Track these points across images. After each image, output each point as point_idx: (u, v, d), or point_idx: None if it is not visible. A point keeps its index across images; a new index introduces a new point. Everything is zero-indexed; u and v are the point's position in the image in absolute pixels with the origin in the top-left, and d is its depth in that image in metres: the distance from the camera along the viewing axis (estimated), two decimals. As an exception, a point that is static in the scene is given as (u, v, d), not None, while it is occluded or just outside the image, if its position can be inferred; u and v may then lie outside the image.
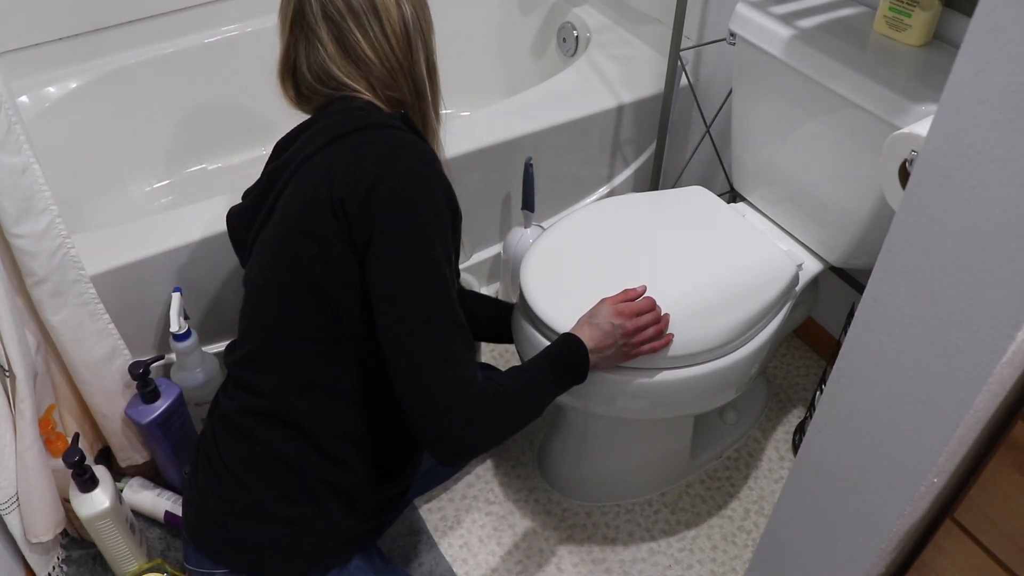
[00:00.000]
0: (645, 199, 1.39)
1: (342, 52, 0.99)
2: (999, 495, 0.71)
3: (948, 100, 0.57)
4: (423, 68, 1.04)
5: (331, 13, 0.96)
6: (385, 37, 0.99)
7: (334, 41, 0.98)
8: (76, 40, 1.74)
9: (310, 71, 1.01)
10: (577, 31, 1.94)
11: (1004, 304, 0.59)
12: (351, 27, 0.97)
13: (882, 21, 1.18)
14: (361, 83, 1.00)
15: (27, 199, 1.07)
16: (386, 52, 0.99)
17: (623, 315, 1.08)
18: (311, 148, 0.97)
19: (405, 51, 1.01)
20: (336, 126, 0.96)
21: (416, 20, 1.01)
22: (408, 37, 1.01)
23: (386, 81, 1.01)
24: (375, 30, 0.98)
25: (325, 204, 0.92)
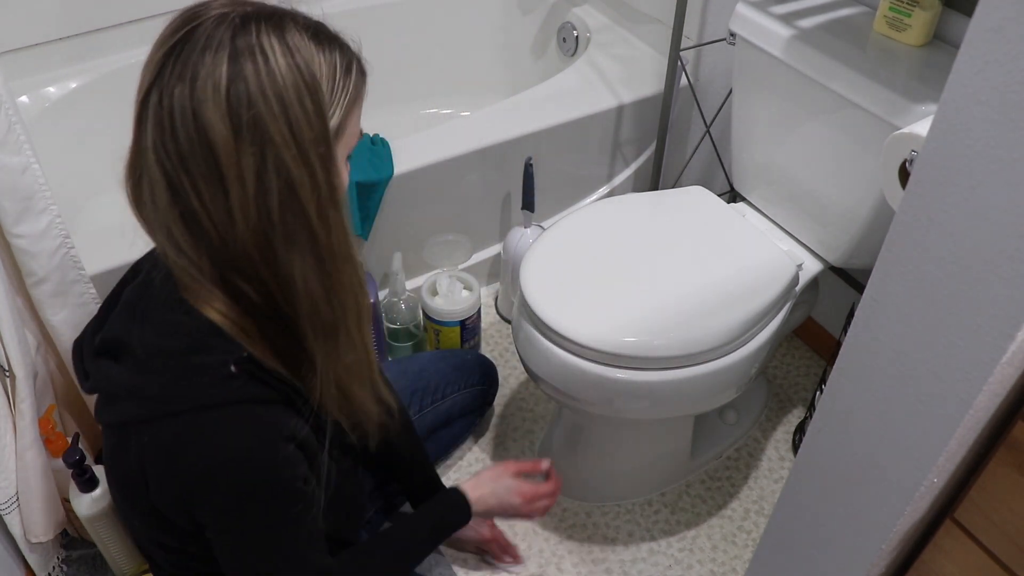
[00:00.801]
0: (645, 199, 1.39)
1: (175, 210, 0.71)
2: (999, 495, 0.71)
3: (948, 100, 0.57)
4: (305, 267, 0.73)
5: (160, 157, 0.69)
6: (228, 211, 0.69)
7: (167, 190, 0.71)
8: (76, 40, 1.74)
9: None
10: (577, 31, 1.94)
11: (1004, 304, 0.59)
12: (185, 184, 0.69)
13: (882, 21, 1.18)
14: (202, 263, 0.73)
15: (27, 199, 1.07)
16: (234, 233, 0.70)
17: (523, 498, 1.16)
18: (127, 410, 0.78)
19: (267, 240, 0.71)
20: (156, 385, 0.76)
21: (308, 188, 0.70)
22: (273, 221, 0.70)
23: (238, 267, 0.73)
24: (218, 199, 0.69)
25: (139, 497, 0.81)
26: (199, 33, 0.68)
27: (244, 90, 0.67)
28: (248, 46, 0.67)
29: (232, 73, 0.67)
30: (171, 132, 0.68)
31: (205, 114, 0.66)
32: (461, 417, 1.45)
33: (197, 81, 0.66)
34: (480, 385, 1.47)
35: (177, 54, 0.68)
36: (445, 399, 1.40)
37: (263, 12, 0.71)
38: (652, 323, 1.16)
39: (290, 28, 0.70)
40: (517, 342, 1.25)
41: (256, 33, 0.68)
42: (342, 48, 0.74)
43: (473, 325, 1.62)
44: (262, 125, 0.67)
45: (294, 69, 0.68)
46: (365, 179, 1.47)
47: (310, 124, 0.69)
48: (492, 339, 1.76)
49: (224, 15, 0.69)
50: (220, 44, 0.67)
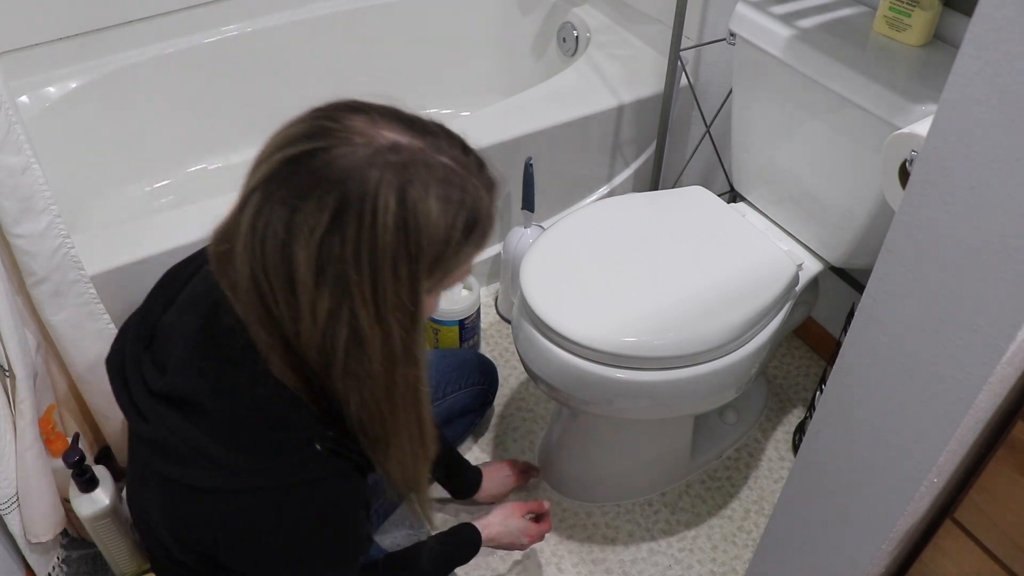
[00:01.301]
0: (645, 199, 1.39)
1: (255, 296, 0.70)
2: (999, 495, 0.71)
3: (948, 100, 0.57)
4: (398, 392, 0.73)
5: (248, 254, 0.67)
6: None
7: (250, 279, 0.69)
8: (76, 40, 1.74)
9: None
10: (577, 31, 1.94)
11: (1004, 304, 0.59)
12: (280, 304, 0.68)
13: (882, 21, 1.18)
14: (275, 344, 0.71)
15: (27, 199, 1.07)
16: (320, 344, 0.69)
17: (530, 538, 1.25)
18: (185, 472, 0.75)
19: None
20: (240, 461, 0.74)
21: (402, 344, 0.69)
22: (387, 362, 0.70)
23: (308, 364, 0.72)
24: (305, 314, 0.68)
25: (201, 550, 0.79)
26: (318, 161, 0.64)
27: (338, 245, 0.63)
28: (360, 198, 0.63)
29: (331, 225, 0.63)
30: (261, 244, 0.66)
31: (294, 249, 0.64)
32: (461, 416, 1.45)
33: (296, 215, 0.63)
34: (480, 384, 1.47)
35: (292, 171, 0.64)
36: (445, 398, 1.41)
37: (399, 152, 0.65)
38: (652, 323, 1.16)
39: (418, 182, 0.64)
40: (517, 342, 1.25)
41: (376, 184, 0.63)
42: (472, 208, 0.68)
43: (472, 325, 1.62)
44: (345, 282, 0.65)
45: (400, 235, 0.64)
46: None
47: (397, 290, 0.66)
48: (492, 339, 1.76)
49: (352, 149, 0.64)
50: (331, 186, 0.63)
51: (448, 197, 0.66)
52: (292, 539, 0.76)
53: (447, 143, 0.68)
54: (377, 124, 0.66)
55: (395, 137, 0.65)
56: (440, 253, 0.67)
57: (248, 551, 0.77)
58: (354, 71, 2.09)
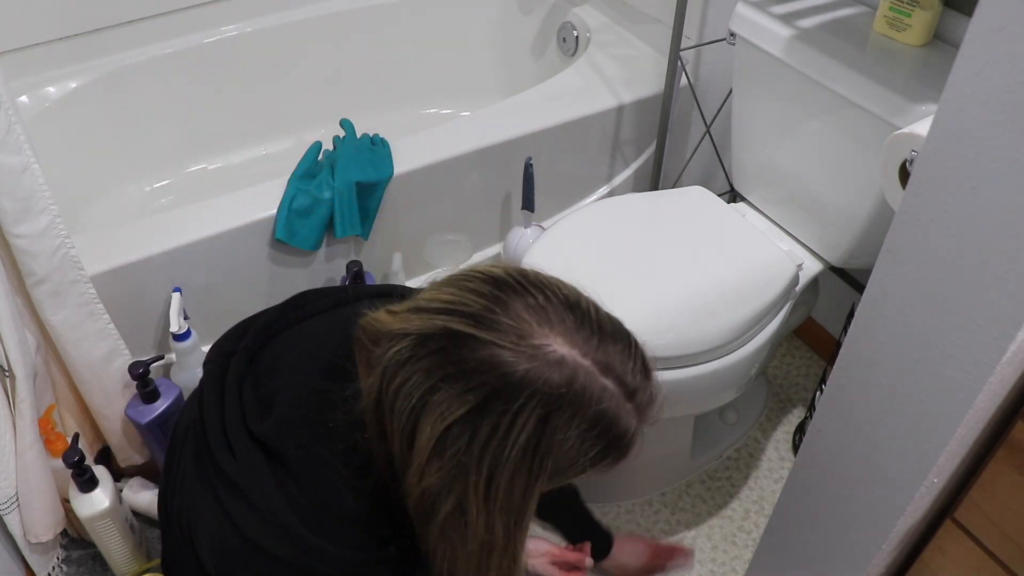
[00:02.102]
0: (645, 199, 1.39)
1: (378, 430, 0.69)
2: (999, 495, 0.71)
3: (948, 100, 0.57)
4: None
5: (380, 396, 0.67)
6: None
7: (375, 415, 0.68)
8: (76, 40, 1.74)
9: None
10: (577, 31, 1.94)
11: (1004, 304, 0.59)
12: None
13: (882, 21, 1.18)
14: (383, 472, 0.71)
15: (27, 199, 1.07)
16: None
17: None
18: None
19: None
20: (304, 546, 0.71)
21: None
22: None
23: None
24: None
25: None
26: (479, 353, 0.61)
27: (465, 441, 0.62)
28: (503, 409, 0.61)
29: (466, 420, 0.61)
30: (395, 393, 0.64)
31: (422, 420, 0.63)
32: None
33: (435, 395, 0.62)
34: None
35: (448, 346, 0.62)
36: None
37: (564, 368, 0.61)
38: (652, 323, 1.16)
39: (567, 411, 0.62)
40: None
41: (526, 402, 0.60)
42: (615, 439, 0.66)
43: (473, 325, 1.62)
44: (462, 472, 0.63)
45: (528, 455, 0.62)
46: (365, 179, 1.47)
47: (510, 495, 0.64)
48: (492, 339, 1.76)
49: (515, 355, 0.61)
50: (479, 382, 0.61)
51: (593, 427, 0.64)
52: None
53: (613, 348, 0.65)
54: (549, 330, 0.62)
55: (566, 355, 0.62)
56: (562, 470, 0.65)
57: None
58: (354, 71, 2.10)
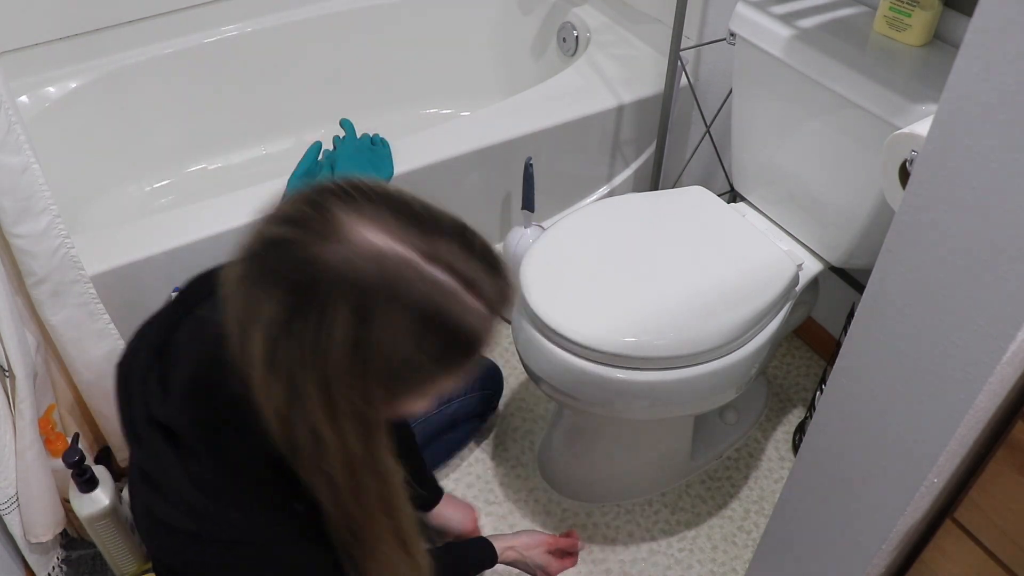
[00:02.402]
0: (645, 199, 1.39)
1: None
2: (999, 495, 0.71)
3: (948, 100, 0.57)
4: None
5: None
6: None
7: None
8: (76, 40, 1.74)
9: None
10: (577, 31, 1.94)
11: (1004, 304, 0.59)
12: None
13: (882, 21, 1.18)
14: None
15: (27, 199, 1.07)
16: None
17: (550, 572, 1.18)
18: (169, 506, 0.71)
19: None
20: (212, 515, 0.70)
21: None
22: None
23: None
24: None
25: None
26: (289, 253, 0.58)
27: (290, 347, 0.58)
28: (319, 308, 0.57)
29: (285, 326, 0.58)
30: (233, 308, 0.61)
31: (250, 331, 0.60)
32: (465, 422, 1.45)
33: (253, 302, 0.59)
34: (485, 390, 1.47)
35: (264, 253, 0.59)
36: (450, 404, 1.40)
37: (379, 261, 0.57)
38: (652, 323, 1.16)
39: (386, 299, 0.57)
40: (517, 343, 1.25)
41: (336, 299, 0.57)
42: (454, 328, 0.60)
43: (473, 325, 1.62)
44: (296, 382, 0.59)
45: (352, 356, 0.58)
46: (365, 179, 1.47)
47: (351, 401, 0.60)
48: (492, 339, 1.76)
49: (325, 250, 0.57)
50: (293, 286, 0.58)
51: (423, 321, 0.58)
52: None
53: (444, 243, 0.60)
54: (363, 222, 0.58)
55: (380, 244, 0.57)
56: (405, 373, 0.61)
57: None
58: (354, 71, 2.10)
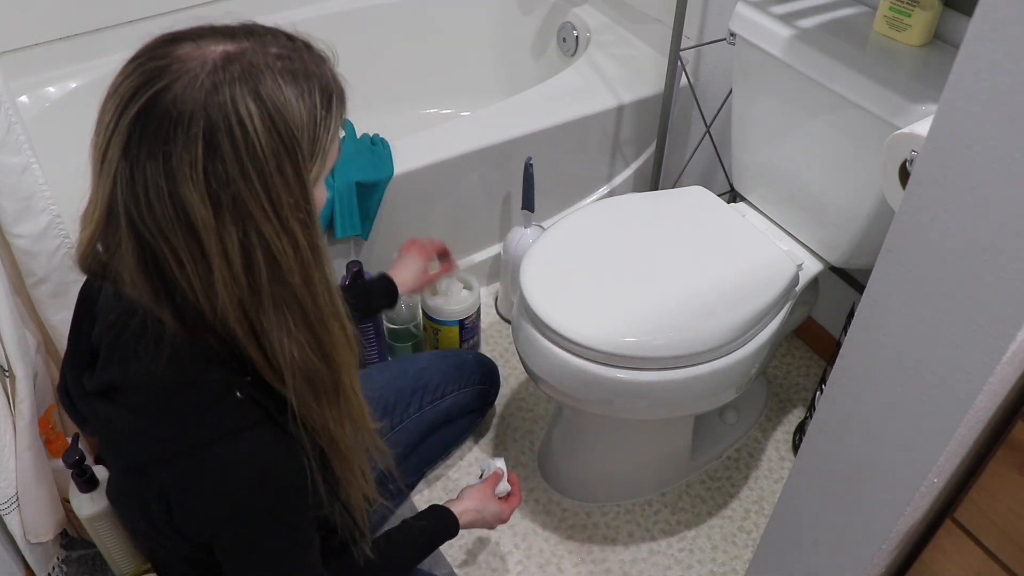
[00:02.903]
0: (645, 199, 1.39)
1: (151, 277, 0.69)
2: (999, 495, 0.71)
3: (948, 100, 0.57)
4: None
5: (136, 224, 0.66)
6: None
7: (142, 257, 0.68)
8: (76, 40, 1.74)
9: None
10: (577, 31, 1.94)
11: (1004, 304, 0.59)
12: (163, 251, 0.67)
13: (882, 21, 1.18)
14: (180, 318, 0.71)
15: (27, 199, 1.07)
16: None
17: (503, 521, 1.18)
18: (132, 449, 0.76)
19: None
20: (165, 425, 0.74)
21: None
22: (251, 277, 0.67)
23: (218, 334, 0.72)
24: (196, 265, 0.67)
25: (164, 524, 0.79)
26: (166, 101, 0.62)
27: (222, 169, 0.63)
28: (224, 116, 0.62)
29: (208, 153, 0.63)
30: (147, 205, 0.64)
31: (183, 194, 0.63)
32: (461, 416, 1.45)
33: (171, 160, 0.63)
34: (480, 384, 1.47)
35: (144, 125, 0.63)
36: (445, 398, 1.41)
37: (235, 60, 0.64)
38: (652, 323, 1.16)
39: (266, 78, 0.65)
40: (517, 342, 1.25)
41: (231, 97, 0.63)
42: (320, 81, 0.69)
43: (472, 325, 1.62)
44: (242, 202, 0.64)
45: (273, 134, 0.64)
46: (365, 179, 1.47)
47: (290, 191, 0.66)
48: (492, 339, 1.76)
49: (193, 76, 0.63)
50: (192, 118, 0.62)
51: (297, 81, 0.66)
52: (237, 498, 0.74)
53: (270, 36, 0.69)
54: (202, 46, 0.65)
55: (223, 48, 0.65)
56: (313, 135, 0.68)
57: (199, 518, 0.76)
58: (354, 71, 2.09)
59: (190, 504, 0.76)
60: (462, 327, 1.60)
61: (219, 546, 0.79)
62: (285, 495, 0.76)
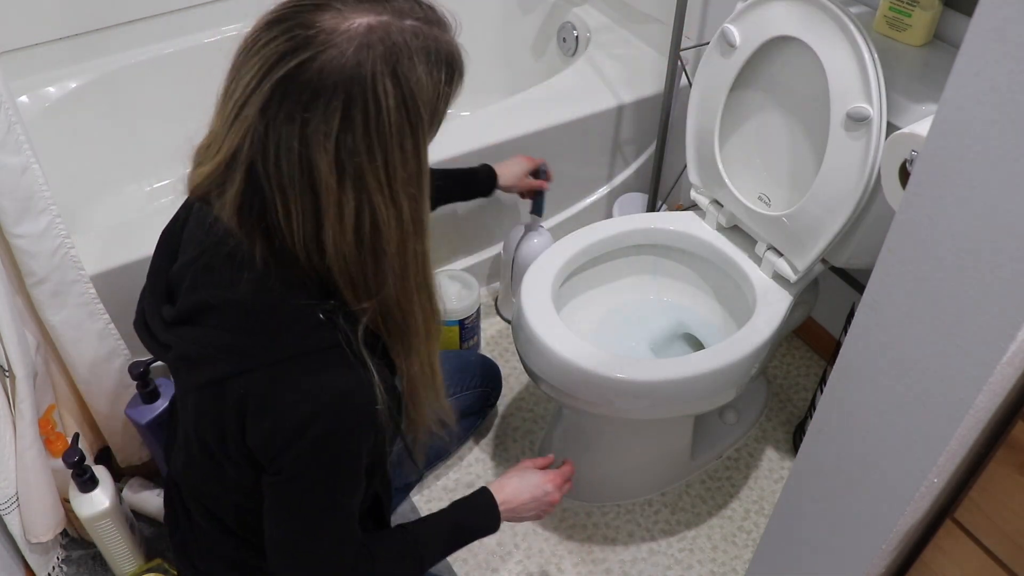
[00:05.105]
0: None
1: (260, 222, 0.74)
2: (999, 495, 0.71)
3: (948, 100, 0.57)
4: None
5: (258, 173, 0.71)
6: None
7: (254, 202, 0.73)
8: (76, 40, 1.74)
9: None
10: (577, 31, 1.94)
11: (1004, 304, 0.59)
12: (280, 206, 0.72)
13: (882, 21, 1.18)
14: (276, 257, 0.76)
15: (27, 199, 1.07)
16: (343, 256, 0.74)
17: (555, 485, 1.07)
18: (221, 364, 0.78)
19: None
20: (252, 339, 0.77)
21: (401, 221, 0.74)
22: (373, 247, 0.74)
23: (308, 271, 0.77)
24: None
25: (234, 443, 0.81)
26: (312, 71, 0.66)
27: (352, 141, 0.68)
28: (362, 93, 0.67)
29: (343, 125, 0.67)
30: (275, 160, 0.69)
31: (313, 157, 0.68)
32: (462, 418, 1.45)
33: (309, 126, 0.67)
34: (482, 387, 1.46)
35: (287, 91, 0.67)
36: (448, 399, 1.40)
37: (377, 35, 0.68)
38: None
39: (403, 56, 0.68)
40: (517, 342, 1.25)
41: (372, 75, 0.67)
42: (447, 54, 0.73)
43: (472, 325, 1.62)
44: (362, 173, 0.69)
45: (402, 111, 0.69)
46: (365, 179, 1.47)
47: (406, 165, 0.71)
48: (492, 339, 1.76)
49: (339, 51, 0.66)
50: (335, 91, 0.66)
51: (428, 57, 0.70)
52: (311, 412, 0.76)
53: (404, 3, 0.71)
54: (346, 15, 0.68)
55: (365, 20, 0.68)
56: (435, 109, 0.73)
57: (271, 431, 0.77)
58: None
59: (266, 414, 0.77)
60: (462, 327, 1.60)
61: (276, 469, 0.80)
62: (354, 415, 0.78)
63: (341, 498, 0.83)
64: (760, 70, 1.23)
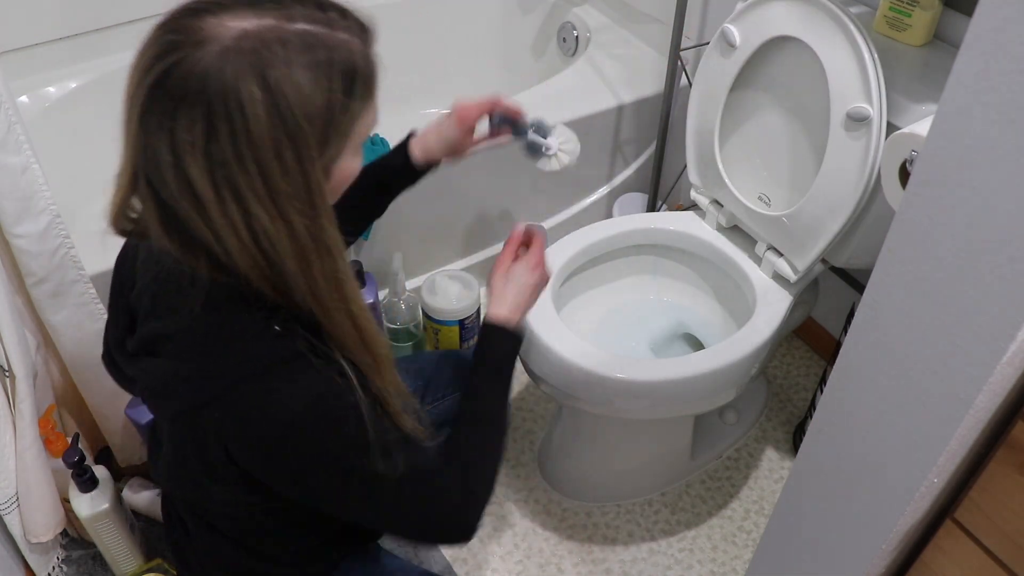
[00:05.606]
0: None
1: (174, 234, 0.70)
2: (999, 495, 0.71)
3: (948, 100, 0.57)
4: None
5: (156, 188, 0.68)
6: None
7: (162, 218, 0.70)
8: (76, 40, 1.74)
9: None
10: (577, 31, 1.94)
11: (1004, 304, 0.59)
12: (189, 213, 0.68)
13: (882, 21, 1.18)
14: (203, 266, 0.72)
15: (27, 199, 1.07)
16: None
17: (538, 268, 1.00)
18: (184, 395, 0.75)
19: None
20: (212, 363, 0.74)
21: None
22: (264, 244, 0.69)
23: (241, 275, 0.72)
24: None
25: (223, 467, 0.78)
26: (175, 77, 0.63)
27: (219, 151, 0.64)
28: (224, 100, 0.62)
29: (208, 135, 0.63)
30: (159, 173, 0.66)
31: (186, 168, 0.64)
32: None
33: (175, 136, 0.64)
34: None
35: (155, 98, 0.64)
36: (445, 399, 1.40)
37: (250, 40, 0.63)
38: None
39: (277, 61, 0.63)
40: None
41: (235, 81, 0.62)
42: (343, 61, 0.67)
43: (472, 325, 1.62)
44: (236, 185, 0.65)
45: (275, 120, 0.64)
46: (365, 179, 1.47)
47: (288, 180, 0.66)
48: (492, 339, 1.76)
49: (202, 55, 0.62)
50: (197, 98, 0.62)
51: (315, 63, 0.65)
52: (299, 425, 0.74)
53: (299, 8, 0.66)
54: (222, 19, 0.64)
55: (241, 25, 0.63)
56: (328, 121, 0.67)
57: (257, 453, 0.76)
58: (354, 71, 2.09)
59: (246, 436, 0.75)
60: (462, 327, 1.60)
61: (289, 489, 0.79)
62: (332, 413, 0.75)
63: (373, 463, 0.78)
64: (760, 70, 1.23)
